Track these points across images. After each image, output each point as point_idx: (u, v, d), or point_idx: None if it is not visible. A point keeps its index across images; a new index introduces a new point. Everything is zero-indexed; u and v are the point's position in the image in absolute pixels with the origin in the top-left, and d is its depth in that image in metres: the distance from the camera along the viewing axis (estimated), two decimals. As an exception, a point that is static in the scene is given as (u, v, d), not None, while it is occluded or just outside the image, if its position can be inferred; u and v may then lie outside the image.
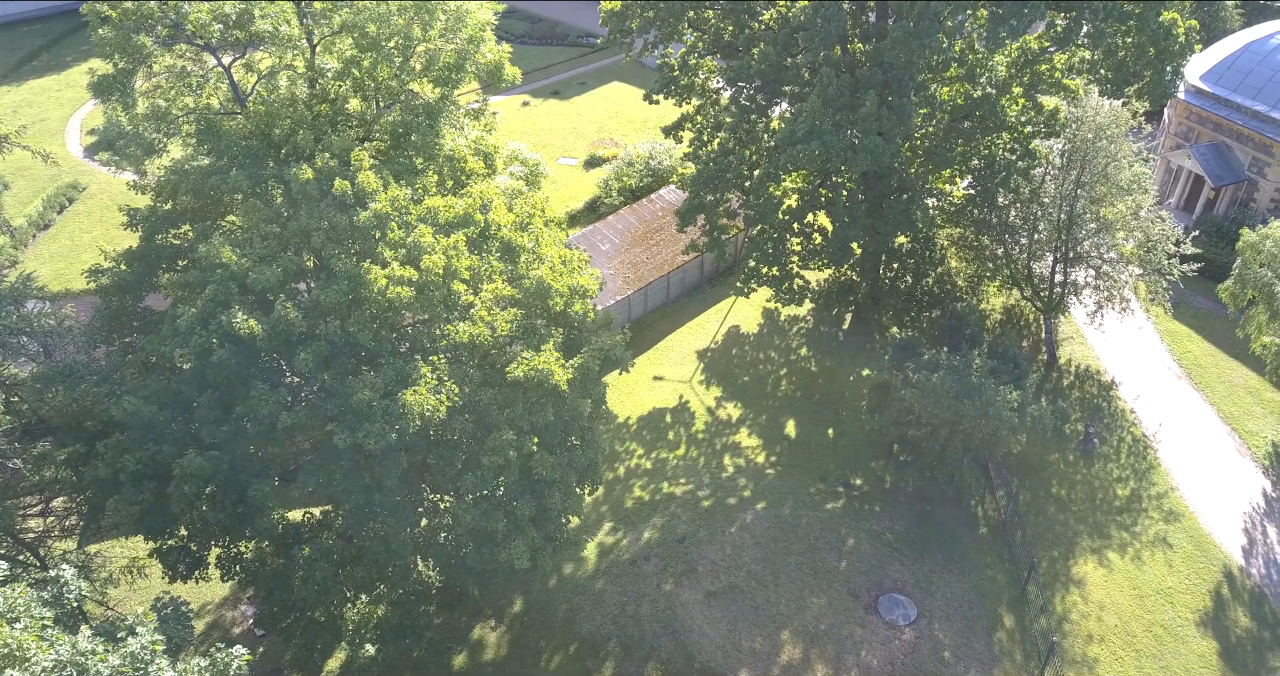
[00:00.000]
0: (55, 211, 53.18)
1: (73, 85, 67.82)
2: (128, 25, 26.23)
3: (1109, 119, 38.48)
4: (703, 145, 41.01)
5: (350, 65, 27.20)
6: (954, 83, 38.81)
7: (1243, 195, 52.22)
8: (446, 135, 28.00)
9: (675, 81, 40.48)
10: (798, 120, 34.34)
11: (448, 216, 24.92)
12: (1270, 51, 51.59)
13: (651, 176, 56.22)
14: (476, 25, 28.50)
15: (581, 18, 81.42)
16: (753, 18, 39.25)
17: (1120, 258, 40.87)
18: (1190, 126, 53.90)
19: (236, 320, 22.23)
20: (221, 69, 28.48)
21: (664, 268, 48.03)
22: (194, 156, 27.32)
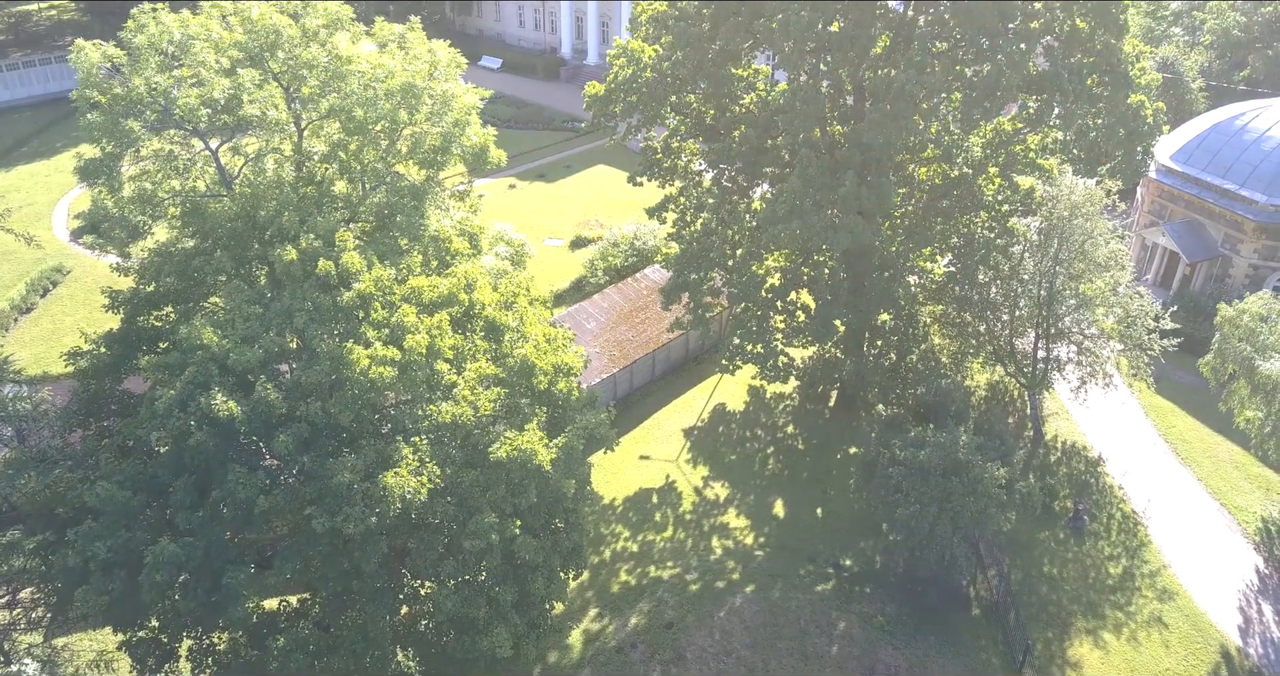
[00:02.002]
0: (38, 295, 53.00)
1: (61, 170, 68.31)
2: (117, 110, 26.57)
3: (1083, 197, 39.29)
4: (686, 225, 41.52)
5: (337, 148, 27.53)
6: (931, 163, 39.61)
7: (1218, 271, 53.05)
8: (432, 216, 28.24)
9: (658, 164, 41.18)
10: (778, 200, 34.84)
11: (432, 296, 24.92)
12: (1236, 132, 53.11)
13: (636, 256, 56.69)
14: (463, 109, 29.02)
15: (566, 102, 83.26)
16: (733, 101, 40.19)
17: (1101, 333, 41.22)
18: (1163, 204, 55.04)
19: (216, 402, 21.94)
20: (209, 153, 28.78)
21: (649, 345, 48.05)
22: (179, 238, 27.36)
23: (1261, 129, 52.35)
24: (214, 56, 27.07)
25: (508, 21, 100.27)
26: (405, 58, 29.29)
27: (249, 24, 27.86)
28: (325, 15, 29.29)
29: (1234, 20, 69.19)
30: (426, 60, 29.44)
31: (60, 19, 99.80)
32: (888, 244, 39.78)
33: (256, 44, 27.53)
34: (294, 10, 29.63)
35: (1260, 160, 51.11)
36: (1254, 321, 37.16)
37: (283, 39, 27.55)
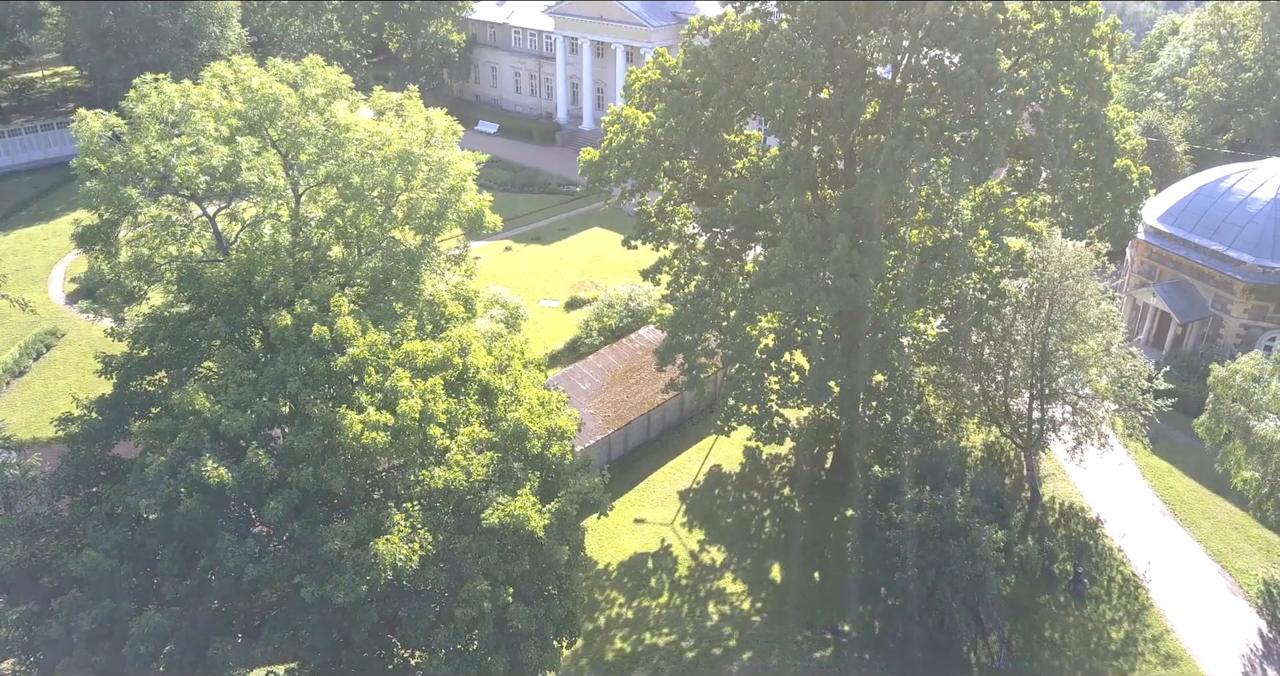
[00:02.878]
0: (31, 358, 52.92)
1: (59, 234, 68.75)
2: (116, 178, 26.88)
3: (1073, 259, 39.69)
4: (680, 287, 41.79)
5: (333, 213, 27.81)
6: (922, 225, 40.06)
7: (1209, 330, 53.34)
8: (427, 281, 28.40)
9: (652, 227, 41.59)
10: (771, 263, 35.13)
11: (426, 360, 24.93)
12: (1222, 194, 53.89)
13: (631, 317, 56.91)
14: (459, 175, 29.40)
15: (562, 166, 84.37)
16: (725, 166, 40.77)
17: (1095, 394, 41.26)
18: (1152, 265, 55.59)
19: (206, 468, 21.77)
20: (206, 218, 29.04)
21: (644, 406, 47.93)
22: (174, 303, 27.44)
23: (1247, 191, 53.13)
24: (213, 125, 27.51)
25: (504, 87, 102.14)
26: (402, 125, 29.80)
27: (249, 93, 28.39)
28: (324, 84, 29.87)
29: (1215, 85, 70.71)
30: (423, 127, 29.95)
31: (64, 86, 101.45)
32: (880, 305, 40.02)
33: (256, 112, 28.01)
34: (294, 79, 30.21)
35: (1246, 221, 51.78)
36: (1246, 382, 37.24)
37: (282, 107, 28.05)
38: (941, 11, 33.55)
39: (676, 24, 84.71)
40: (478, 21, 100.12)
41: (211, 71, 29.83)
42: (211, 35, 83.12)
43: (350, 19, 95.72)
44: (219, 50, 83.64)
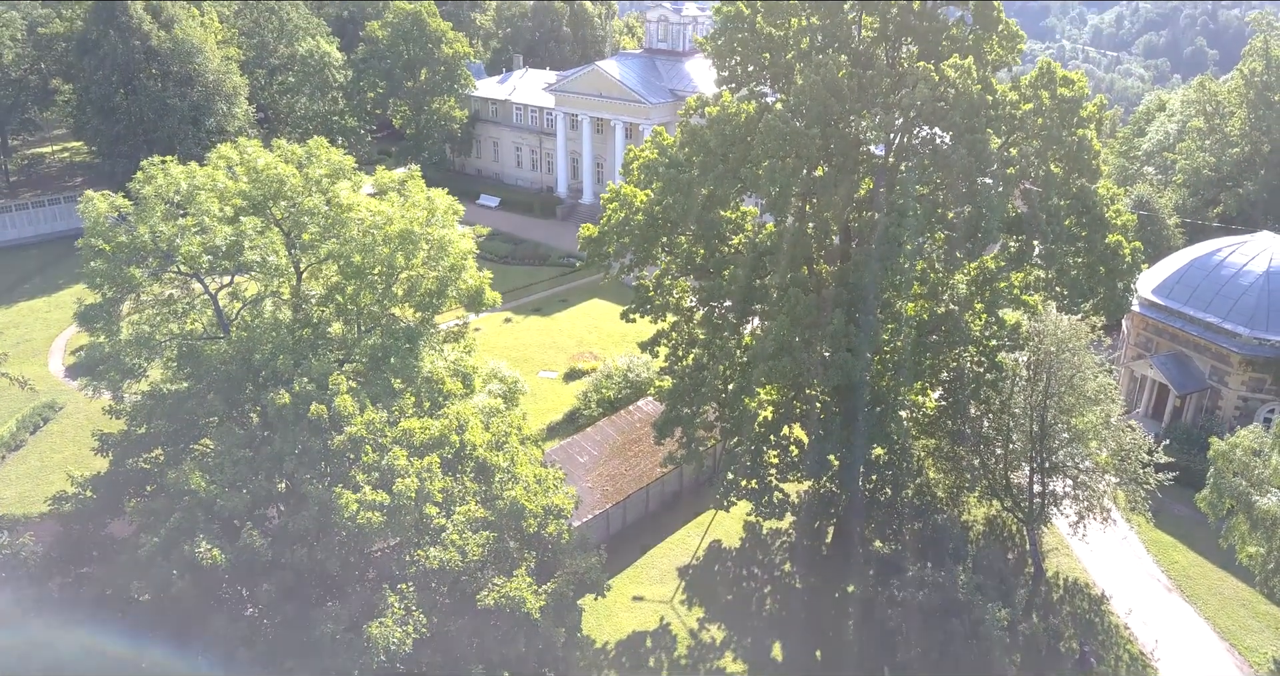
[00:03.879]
0: (28, 432, 52.78)
1: (61, 306, 69.23)
2: (120, 257, 27.24)
3: (1070, 333, 39.90)
4: (678, 360, 41.96)
5: (334, 291, 28.09)
6: (918, 299, 40.40)
7: (1207, 402, 53.29)
8: (425, 358, 28.55)
9: (650, 301, 41.94)
10: (768, 337, 35.39)
11: (423, 438, 24.92)
12: (1215, 267, 54.40)
13: (630, 388, 56.92)
14: (459, 254, 29.80)
15: (562, 239, 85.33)
16: (722, 242, 41.32)
17: (1096, 467, 41.04)
18: (1148, 337, 55.83)
19: (200, 549, 21.59)
20: (208, 296, 29.33)
21: (643, 479, 47.62)
22: (173, 380, 27.54)
23: (1239, 264, 53.66)
24: (218, 205, 27.98)
25: (506, 162, 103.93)
26: (404, 205, 30.30)
27: (254, 174, 28.95)
28: (328, 165, 30.49)
29: (1203, 160, 72.00)
30: (425, 207, 30.47)
31: (72, 160, 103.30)
32: (878, 379, 40.13)
33: (260, 192, 28.53)
34: (299, 159, 30.84)
35: (1240, 294, 52.17)
36: (1247, 455, 37.02)
37: (286, 187, 28.58)
38: (932, 93, 34.41)
39: (674, 101, 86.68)
40: (480, 98, 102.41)
41: (218, 153, 30.49)
42: (219, 112, 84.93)
43: (355, 96, 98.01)
44: (226, 126, 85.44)
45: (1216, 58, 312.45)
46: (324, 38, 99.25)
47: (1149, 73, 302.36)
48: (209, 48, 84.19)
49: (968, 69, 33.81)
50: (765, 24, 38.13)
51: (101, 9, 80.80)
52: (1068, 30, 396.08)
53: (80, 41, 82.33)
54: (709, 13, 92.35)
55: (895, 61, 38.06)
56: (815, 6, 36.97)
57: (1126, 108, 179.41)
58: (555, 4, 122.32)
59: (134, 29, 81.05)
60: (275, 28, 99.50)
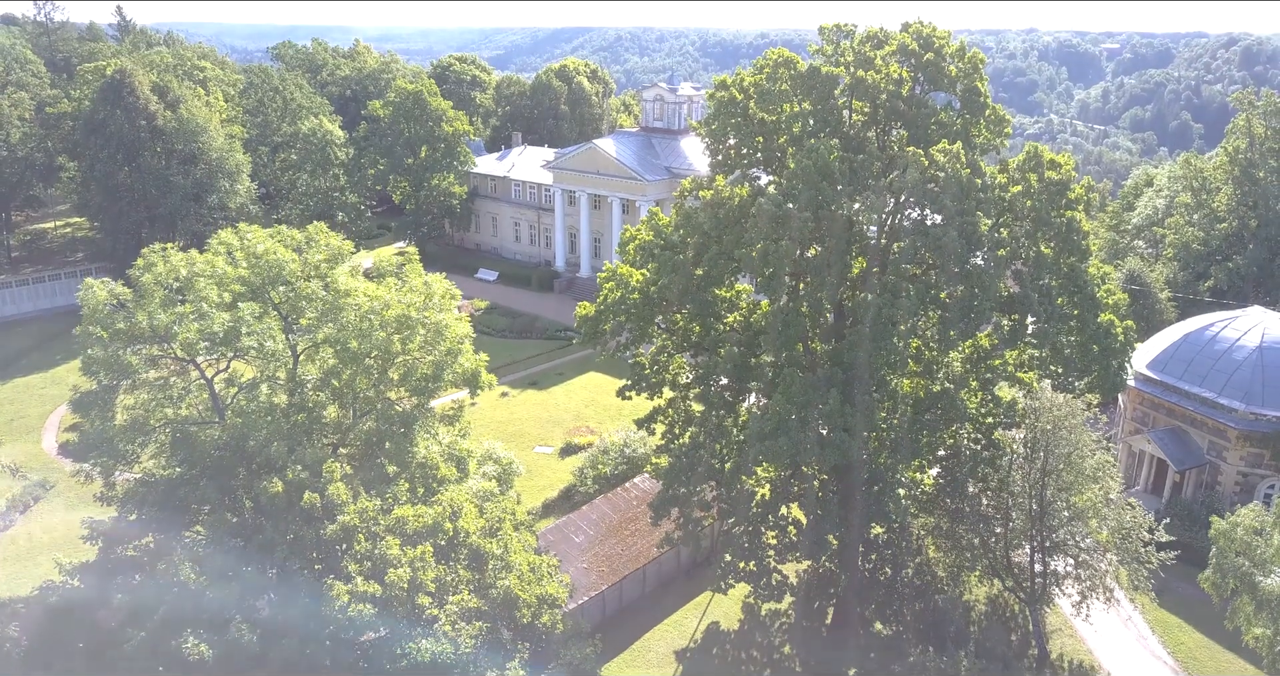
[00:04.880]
0: (18, 512, 52.30)
1: (57, 383, 69.25)
2: (118, 345, 27.36)
3: (1066, 411, 39.90)
4: (675, 438, 41.80)
5: (330, 375, 28.15)
6: (913, 376, 40.50)
7: (1207, 478, 53.01)
8: (420, 443, 28.46)
9: (646, 379, 41.97)
10: (765, 418, 35.33)
11: (417, 526, 24.71)
12: (1208, 341, 54.69)
13: (626, 464, 56.60)
14: (455, 338, 29.94)
15: (560, 313, 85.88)
16: (718, 320, 41.56)
17: (1097, 545, 40.63)
18: (1145, 411, 55.80)
19: (188, 645, 21.23)
20: (204, 381, 29.36)
21: (639, 560, 47.01)
22: (165, 465, 27.41)
23: (1232, 339, 53.94)
24: (216, 292, 28.22)
25: (504, 236, 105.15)
26: (401, 289, 30.56)
27: (254, 259, 29.26)
28: (326, 250, 30.86)
29: (1192, 235, 72.94)
30: (422, 292, 30.73)
31: (74, 236, 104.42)
32: (875, 456, 39.98)
33: (259, 278, 28.80)
34: (298, 243, 31.21)
35: (1234, 369, 52.33)
36: (1248, 535, 36.73)
37: (285, 272, 28.86)
38: (922, 176, 35.02)
39: (670, 178, 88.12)
40: (479, 174, 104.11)
41: (218, 239, 30.87)
42: (222, 189, 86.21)
43: (356, 173, 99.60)
44: (228, 203, 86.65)
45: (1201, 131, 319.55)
46: (326, 116, 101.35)
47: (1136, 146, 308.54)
48: (213, 127, 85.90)
49: (956, 153, 34.48)
50: (758, 109, 39.00)
51: (110, 90, 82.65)
52: (1055, 105, 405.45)
53: (87, 121, 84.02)
54: (704, 92, 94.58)
55: (886, 144, 38.83)
56: (807, 92, 37.85)
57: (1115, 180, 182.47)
58: (554, 83, 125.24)
59: (140, 109, 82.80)
60: (279, 107, 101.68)
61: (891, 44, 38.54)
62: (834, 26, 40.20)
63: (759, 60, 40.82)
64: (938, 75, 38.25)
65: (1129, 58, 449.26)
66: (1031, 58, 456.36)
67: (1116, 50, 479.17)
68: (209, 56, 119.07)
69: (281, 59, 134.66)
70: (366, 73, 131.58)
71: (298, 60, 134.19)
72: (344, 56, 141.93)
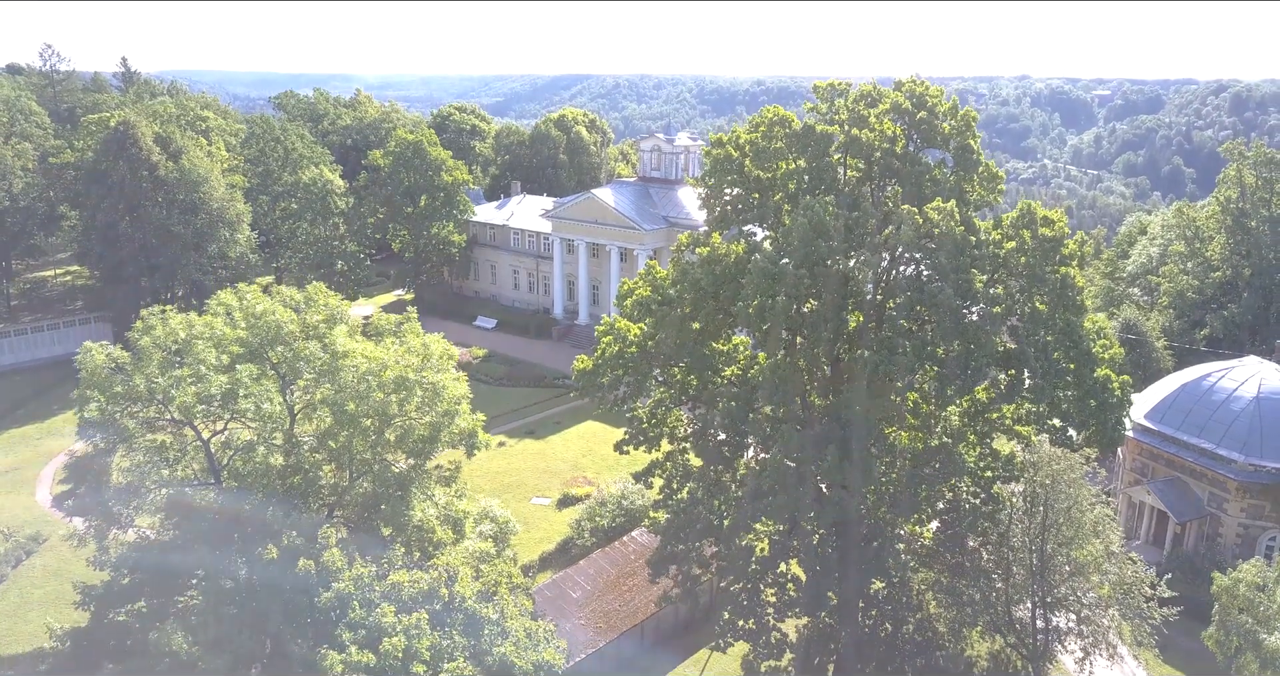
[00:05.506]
0: (10, 566, 51.77)
1: (54, 433, 69.07)
2: (115, 408, 27.35)
3: (1064, 465, 39.80)
4: (673, 493, 41.60)
5: (327, 436, 28.10)
6: (911, 430, 40.45)
7: (1208, 529, 52.74)
8: (416, 506, 28.33)
9: (644, 433, 41.90)
10: (763, 474, 35.23)
11: (412, 592, 24.50)
12: (1205, 392, 54.75)
13: (624, 516, 56.26)
14: (452, 399, 29.96)
15: (558, 360, 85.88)
16: (715, 373, 41.61)
17: (1099, 600, 40.26)
18: (1144, 462, 55.68)
19: (178, 718, 20.94)
20: (200, 443, 29.30)
21: (637, 616, 46.55)
22: (160, 529, 27.24)
23: (1229, 389, 54.02)
24: (214, 355, 28.28)
25: (503, 284, 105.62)
26: (399, 350, 30.64)
27: (252, 320, 29.37)
28: (324, 310, 30.99)
29: (1187, 283, 73.36)
30: (420, 353, 30.81)
31: (74, 284, 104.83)
32: (874, 510, 39.78)
33: (258, 339, 28.89)
34: (297, 304, 31.35)
35: (1232, 420, 52.35)
36: (1251, 591, 36.53)
37: (284, 333, 28.95)
38: (916, 234, 35.34)
39: (668, 227, 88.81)
40: (478, 223, 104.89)
41: (217, 300, 31.02)
42: (222, 238, 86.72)
43: (356, 222, 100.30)
44: (228, 252, 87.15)
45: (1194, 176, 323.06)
46: (327, 166, 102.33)
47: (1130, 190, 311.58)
48: (214, 177, 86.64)
49: (950, 212, 34.82)
50: (753, 167, 39.46)
51: (113, 141, 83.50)
52: (1049, 150, 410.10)
53: (90, 171, 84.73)
54: (700, 143, 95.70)
55: (881, 200, 39.23)
56: (802, 150, 38.33)
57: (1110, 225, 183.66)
58: (552, 133, 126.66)
59: (143, 159, 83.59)
60: (280, 156, 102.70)
61: (885, 102, 39.12)
62: (828, 85, 40.84)
63: (754, 118, 41.41)
64: (931, 133, 38.78)
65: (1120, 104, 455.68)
66: (1024, 104, 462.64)
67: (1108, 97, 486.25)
68: (212, 106, 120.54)
69: (284, 108, 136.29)
70: (367, 122, 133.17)
71: (300, 110, 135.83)
72: (345, 106, 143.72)
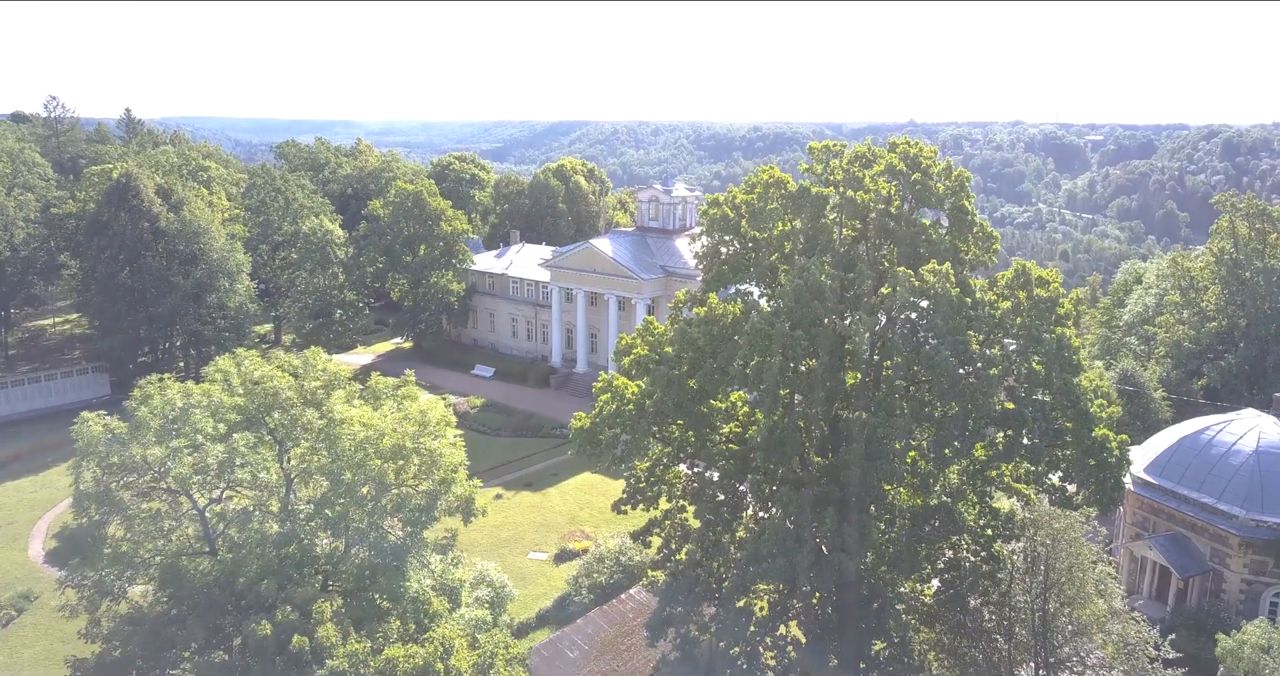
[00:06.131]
0: (0, 625, 51.20)
1: (48, 487, 68.67)
2: (110, 480, 27.25)
3: (1065, 524, 39.59)
4: (672, 554, 41.28)
5: (323, 505, 27.97)
6: (910, 488, 40.29)
7: (1211, 586, 52.25)
8: (412, 577, 28.09)
9: (642, 492, 41.70)
10: (761, 539, 35.02)
11: (407, 668, 24.19)
12: (1205, 445, 54.53)
13: (622, 572, 55.74)
14: (449, 467, 29.87)
15: (556, 409, 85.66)
16: (713, 431, 41.51)
17: (1103, 661, 39.79)
18: (1145, 516, 55.31)
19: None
20: (195, 511, 29.16)
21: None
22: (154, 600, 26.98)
23: (1229, 442, 53.80)
24: (211, 424, 28.27)
25: (501, 332, 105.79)
26: (397, 416, 30.61)
27: (250, 387, 29.39)
28: (322, 377, 31.02)
29: (1183, 333, 73.50)
30: (417, 420, 30.77)
31: (73, 333, 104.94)
32: (874, 569, 39.47)
33: (255, 406, 28.88)
34: (295, 368, 31.39)
35: (1232, 474, 52.09)
36: (1255, 653, 36.12)
37: (281, 399, 28.95)
38: (913, 296, 35.54)
39: (666, 276, 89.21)
40: (477, 271, 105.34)
41: (216, 367, 31.06)
42: (221, 288, 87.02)
43: (355, 271, 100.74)
44: (227, 302, 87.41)
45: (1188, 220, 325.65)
46: (327, 216, 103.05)
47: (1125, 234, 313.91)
48: (215, 227, 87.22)
49: (946, 274, 35.04)
50: (749, 228, 39.78)
51: (115, 192, 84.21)
52: (1044, 194, 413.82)
53: (92, 222, 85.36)
54: (697, 192, 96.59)
55: (876, 259, 39.50)
56: (797, 211, 38.68)
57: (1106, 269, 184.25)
58: (551, 182, 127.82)
59: (144, 211, 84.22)
60: (281, 206, 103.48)
61: (880, 163, 39.58)
62: (823, 146, 41.37)
63: (750, 178, 41.85)
64: (925, 193, 39.18)
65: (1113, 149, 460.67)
66: (1018, 149, 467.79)
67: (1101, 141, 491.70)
68: (214, 156, 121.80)
69: (285, 157, 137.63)
70: (368, 171, 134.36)
71: (301, 159, 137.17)
72: (346, 155, 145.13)
